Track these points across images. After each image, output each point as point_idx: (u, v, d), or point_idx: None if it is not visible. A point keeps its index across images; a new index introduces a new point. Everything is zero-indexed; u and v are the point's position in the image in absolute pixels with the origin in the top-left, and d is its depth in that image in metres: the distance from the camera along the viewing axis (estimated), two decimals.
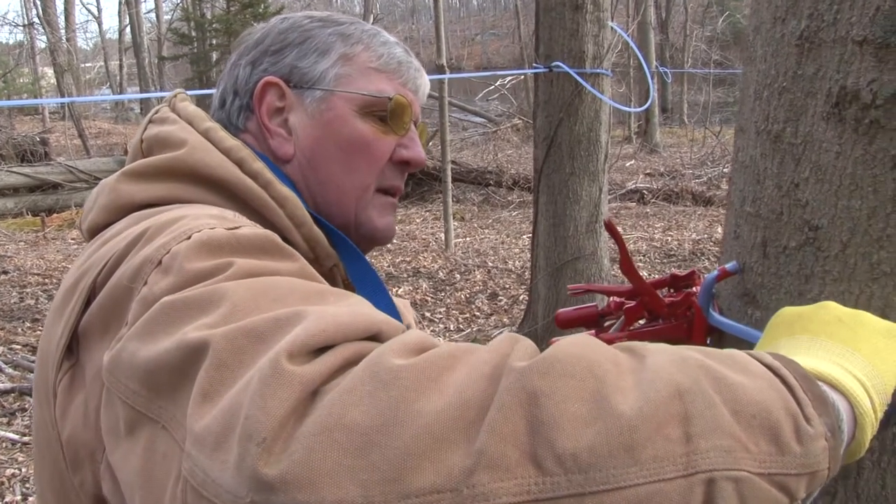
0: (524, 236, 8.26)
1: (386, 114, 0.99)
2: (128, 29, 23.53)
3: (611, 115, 4.76)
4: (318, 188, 0.99)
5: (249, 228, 0.76)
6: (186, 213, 0.80)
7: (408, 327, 1.33)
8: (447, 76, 7.17)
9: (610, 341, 0.94)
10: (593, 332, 0.97)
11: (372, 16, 17.68)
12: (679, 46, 21.17)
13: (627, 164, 13.25)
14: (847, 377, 0.62)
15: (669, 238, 8.17)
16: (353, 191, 0.99)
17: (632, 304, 0.96)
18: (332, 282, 0.95)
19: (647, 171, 12.38)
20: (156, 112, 0.98)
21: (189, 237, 0.73)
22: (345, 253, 0.95)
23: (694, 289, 0.95)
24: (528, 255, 5.62)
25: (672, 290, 0.97)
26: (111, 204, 0.88)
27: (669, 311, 0.93)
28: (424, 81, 1.06)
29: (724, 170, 11.30)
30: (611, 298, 0.99)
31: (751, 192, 0.84)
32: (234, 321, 0.62)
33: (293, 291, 0.68)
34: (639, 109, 11.50)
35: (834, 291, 0.75)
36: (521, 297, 6.14)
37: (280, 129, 0.98)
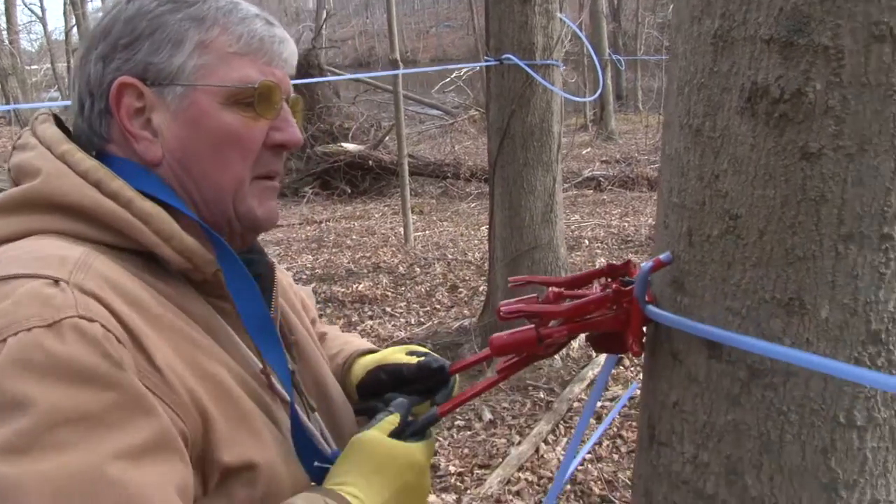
0: (483, 227, 8.30)
1: (253, 100, 0.95)
2: (74, 30, 23.03)
3: (563, 105, 4.81)
4: (194, 187, 0.96)
5: (71, 340, 0.75)
6: (16, 256, 0.81)
7: (312, 322, 1.34)
8: (401, 71, 7.17)
9: (549, 335, 0.98)
10: (532, 325, 0.99)
11: (325, 11, 17.54)
12: (632, 34, 21.36)
13: (584, 152, 13.37)
14: None
15: (626, 224, 8.28)
16: (229, 186, 0.97)
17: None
18: (218, 287, 0.95)
19: (604, 159, 12.51)
20: (19, 137, 0.96)
21: (4, 340, 0.73)
22: (223, 258, 0.94)
23: (629, 279, 0.98)
24: (487, 247, 5.66)
25: (609, 280, 1.01)
26: None
27: (599, 306, 0.95)
28: (291, 51, 1.02)
29: None
30: (549, 289, 1.02)
31: (676, 183, 0.88)
32: None
33: (97, 500, 0.71)
34: (589, 99, 11.58)
35: (754, 276, 0.79)
36: (481, 289, 6.18)
37: (143, 132, 0.94)
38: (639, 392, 4.13)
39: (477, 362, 1.18)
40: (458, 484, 3.48)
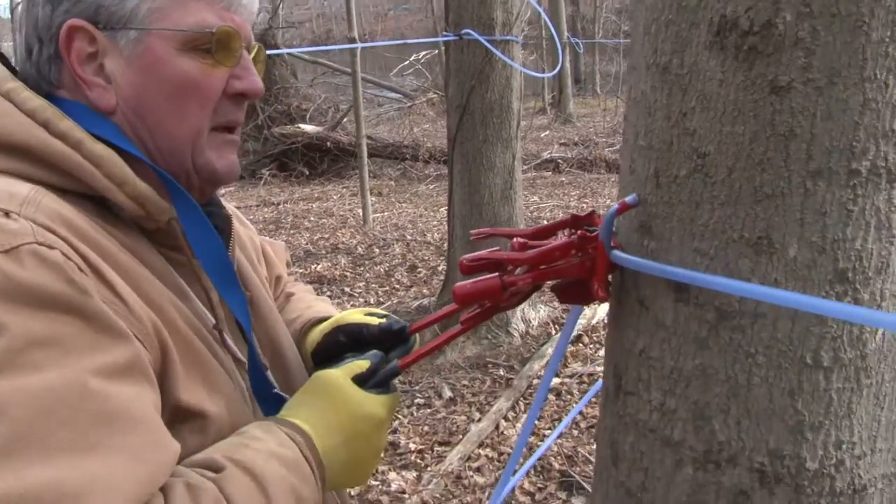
0: (442, 209, 8.28)
1: (211, 46, 0.91)
2: (19, 8, 22.39)
3: (523, 83, 4.79)
4: (149, 136, 0.92)
5: (32, 266, 0.72)
6: None
7: (278, 278, 1.30)
8: (358, 45, 7.09)
9: (513, 283, 0.96)
10: (497, 274, 0.97)
11: None
12: (590, 18, 21.43)
13: (542, 135, 13.41)
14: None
15: (585, 205, 8.32)
16: (186, 136, 0.93)
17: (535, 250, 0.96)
18: (172, 237, 0.92)
19: (562, 141, 12.56)
20: None
21: None
22: (180, 205, 0.90)
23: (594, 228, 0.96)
24: (446, 227, 5.64)
25: (573, 231, 0.98)
26: None
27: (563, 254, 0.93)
28: None
29: None
30: (514, 239, 1.00)
31: (643, 125, 0.86)
32: (7, 463, 0.64)
33: (80, 412, 0.70)
34: (548, 75, 11.61)
35: (722, 215, 0.78)
36: (439, 268, 6.17)
37: (96, 79, 0.90)
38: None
39: (438, 320, 1.16)
40: (419, 461, 3.47)
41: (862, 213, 0.74)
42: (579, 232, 0.93)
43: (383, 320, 1.20)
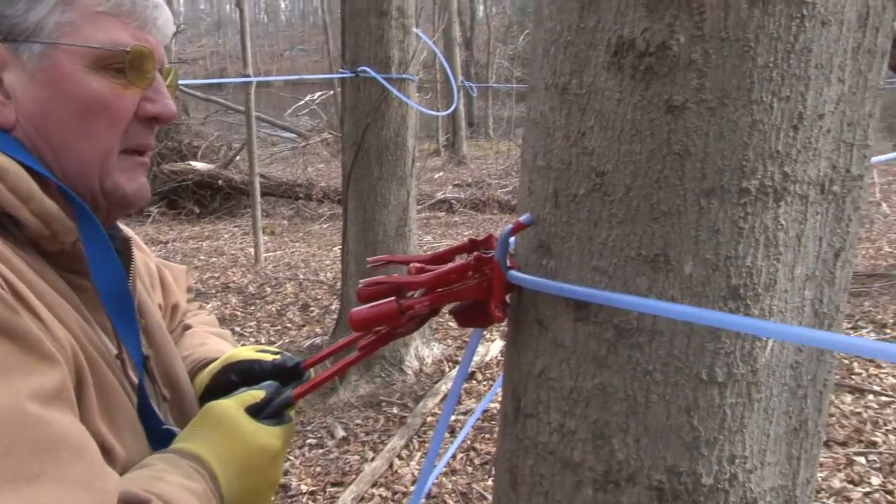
0: (335, 248, 8.22)
1: (124, 66, 0.86)
2: None
3: (418, 121, 4.83)
4: (52, 156, 0.86)
5: None
6: None
7: (174, 307, 1.24)
8: (252, 79, 7.00)
9: (410, 307, 0.94)
10: (393, 298, 0.95)
11: (175, 27, 16.96)
12: (483, 63, 21.96)
13: (436, 176, 13.56)
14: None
15: None
16: (94, 158, 0.87)
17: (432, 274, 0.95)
18: (77, 260, 0.86)
19: (456, 182, 12.73)
20: None
21: None
22: (84, 227, 0.85)
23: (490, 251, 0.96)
24: (340, 267, 5.58)
25: (471, 255, 0.98)
26: None
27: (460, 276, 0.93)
28: (166, 18, 0.94)
29: None
30: (411, 265, 0.98)
31: (542, 146, 0.87)
32: None
33: (21, 440, 0.65)
34: (444, 114, 11.81)
35: (620, 234, 0.78)
36: (332, 307, 6.09)
37: None
38: (496, 402, 4.16)
39: (333, 353, 1.12)
40: (311, 503, 3.37)
41: (752, 230, 0.76)
42: (476, 254, 0.93)
43: (277, 356, 1.15)
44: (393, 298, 0.94)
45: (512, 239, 0.95)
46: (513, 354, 0.94)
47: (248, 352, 1.17)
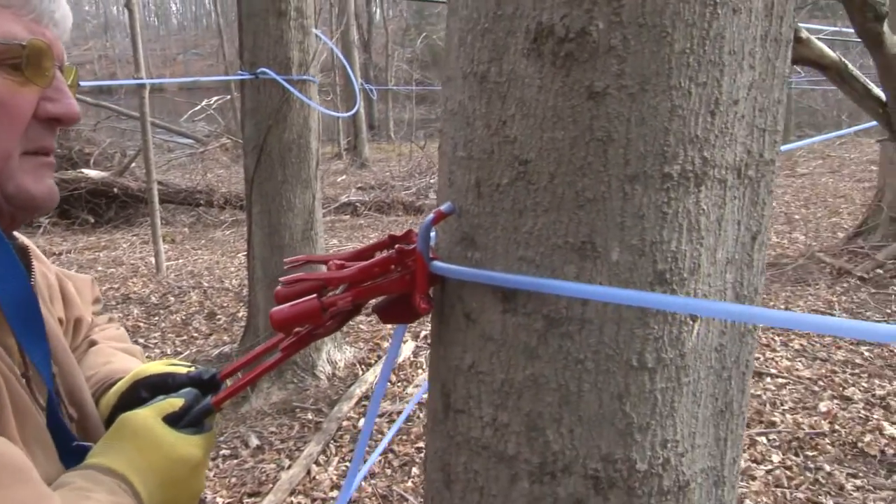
0: (240, 254, 8.03)
1: (20, 62, 0.79)
2: None
3: (321, 122, 4.76)
4: None
5: None
6: None
7: (77, 321, 1.17)
8: (146, 81, 6.76)
9: (333, 304, 0.91)
10: (315, 296, 0.92)
11: None
12: (382, 66, 21.90)
13: (339, 180, 13.44)
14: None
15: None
16: None
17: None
18: None
19: (359, 185, 12.64)
20: None
21: None
22: None
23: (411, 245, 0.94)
24: (245, 273, 5.45)
25: (391, 251, 0.95)
26: None
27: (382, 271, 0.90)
28: (64, 12, 0.87)
29: (431, 180, 11.85)
30: (330, 262, 0.95)
31: (462, 136, 0.85)
32: None
33: None
34: (346, 115, 11.73)
35: (546, 222, 0.78)
36: (240, 314, 5.94)
37: None
38: (421, 400, 4.14)
39: (250, 361, 1.08)
40: None
41: (675, 215, 0.76)
42: (398, 246, 0.90)
43: (191, 369, 1.09)
44: (314, 296, 0.91)
45: (433, 233, 0.93)
46: (439, 350, 0.92)
47: (158, 366, 1.10)
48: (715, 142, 0.77)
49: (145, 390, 1.06)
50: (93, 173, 10.48)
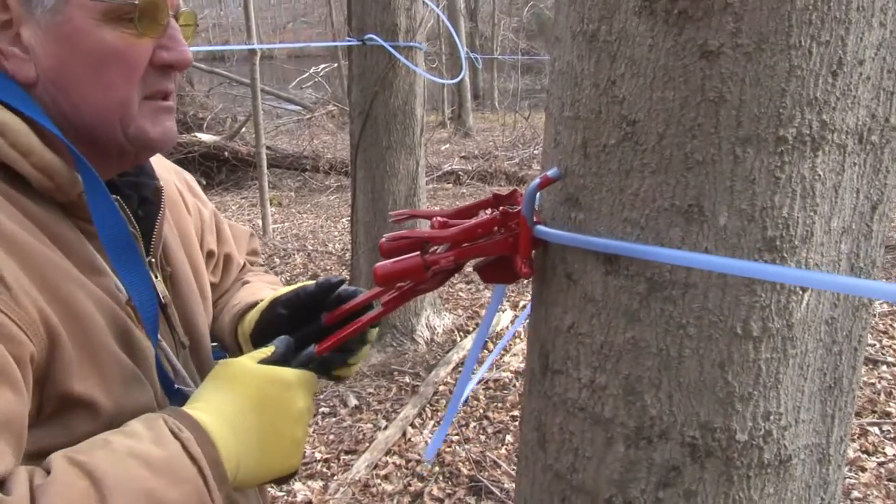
0: (343, 219, 8.20)
1: (134, 16, 0.85)
2: None
3: (426, 89, 4.78)
4: (73, 110, 0.86)
5: None
6: None
7: (227, 257, 1.28)
8: (257, 46, 6.94)
9: (436, 262, 0.93)
10: (418, 253, 0.93)
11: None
12: (488, 36, 21.73)
13: (443, 148, 13.48)
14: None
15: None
16: (112, 109, 0.87)
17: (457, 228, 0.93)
18: (83, 211, 0.87)
19: (462, 154, 12.64)
20: None
21: None
22: (85, 178, 0.85)
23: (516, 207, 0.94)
24: (349, 238, 5.56)
25: (495, 210, 0.96)
26: None
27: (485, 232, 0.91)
28: None
29: (535, 151, 11.75)
30: (434, 219, 0.97)
31: (569, 96, 0.84)
32: None
33: None
34: (452, 81, 11.72)
35: (652, 184, 0.76)
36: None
37: (13, 49, 0.83)
38: (507, 371, 4.15)
39: (356, 307, 1.11)
40: (325, 470, 3.39)
41: (789, 180, 0.74)
42: (502, 208, 0.91)
43: (320, 278, 1.18)
44: (417, 253, 0.93)
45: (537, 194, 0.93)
46: (540, 310, 0.92)
47: (288, 288, 1.21)
48: (836, 104, 0.73)
49: (281, 307, 1.16)
50: (205, 137, 10.87)
